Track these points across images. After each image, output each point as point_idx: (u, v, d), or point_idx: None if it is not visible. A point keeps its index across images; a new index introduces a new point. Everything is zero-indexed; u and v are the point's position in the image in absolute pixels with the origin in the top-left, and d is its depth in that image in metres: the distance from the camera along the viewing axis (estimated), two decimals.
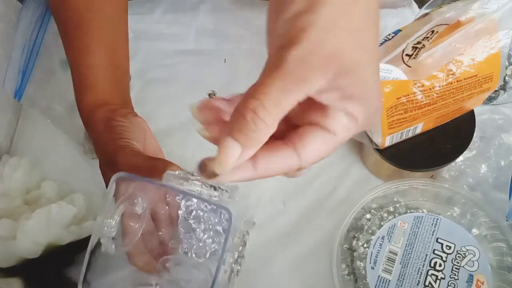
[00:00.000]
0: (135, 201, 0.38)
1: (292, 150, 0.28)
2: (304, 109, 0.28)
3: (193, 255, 0.40)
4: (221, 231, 0.40)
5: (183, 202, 0.41)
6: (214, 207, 0.39)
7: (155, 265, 0.42)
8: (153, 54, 0.68)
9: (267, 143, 0.26)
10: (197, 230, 0.41)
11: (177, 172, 0.37)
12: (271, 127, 0.25)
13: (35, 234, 0.50)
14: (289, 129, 0.29)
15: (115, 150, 0.41)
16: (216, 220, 0.40)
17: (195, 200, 0.40)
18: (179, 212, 0.42)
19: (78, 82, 0.47)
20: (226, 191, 0.37)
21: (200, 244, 0.40)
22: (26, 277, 0.52)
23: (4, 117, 0.64)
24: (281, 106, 0.25)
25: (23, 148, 0.64)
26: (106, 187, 0.42)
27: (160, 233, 0.44)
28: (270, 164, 0.28)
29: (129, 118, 0.45)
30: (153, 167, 0.38)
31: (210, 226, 0.41)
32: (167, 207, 0.44)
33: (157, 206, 0.43)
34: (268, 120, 0.25)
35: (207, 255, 0.40)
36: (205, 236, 0.40)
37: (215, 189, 0.36)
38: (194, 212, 0.41)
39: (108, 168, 0.43)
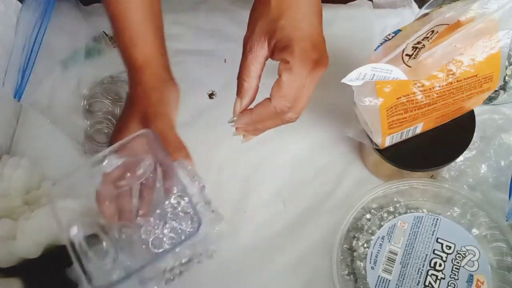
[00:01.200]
0: (141, 161, 0.41)
1: (269, 99, 0.41)
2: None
3: (149, 241, 0.40)
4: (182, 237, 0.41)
5: (176, 195, 0.42)
6: (191, 212, 0.40)
7: (113, 221, 0.42)
8: None
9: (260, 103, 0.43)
10: (168, 224, 0.41)
11: (189, 167, 0.41)
12: (251, 84, 0.42)
13: (35, 234, 0.50)
14: None
15: (156, 112, 0.45)
16: (184, 227, 0.41)
17: (186, 199, 0.41)
18: (167, 200, 0.42)
19: (124, 37, 0.49)
20: (212, 211, 0.40)
21: (161, 236, 0.41)
22: (26, 277, 0.52)
23: (4, 117, 0.64)
24: (250, 71, 0.42)
25: (23, 148, 0.64)
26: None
27: (136, 199, 0.44)
28: (259, 109, 0.43)
29: (173, 88, 0.48)
30: (178, 149, 0.44)
31: (179, 230, 0.41)
32: (158, 185, 0.44)
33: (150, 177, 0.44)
34: (246, 79, 0.42)
35: (159, 250, 0.40)
36: (169, 234, 0.41)
37: (205, 202, 0.40)
38: (178, 209, 0.41)
39: (136, 120, 0.45)
